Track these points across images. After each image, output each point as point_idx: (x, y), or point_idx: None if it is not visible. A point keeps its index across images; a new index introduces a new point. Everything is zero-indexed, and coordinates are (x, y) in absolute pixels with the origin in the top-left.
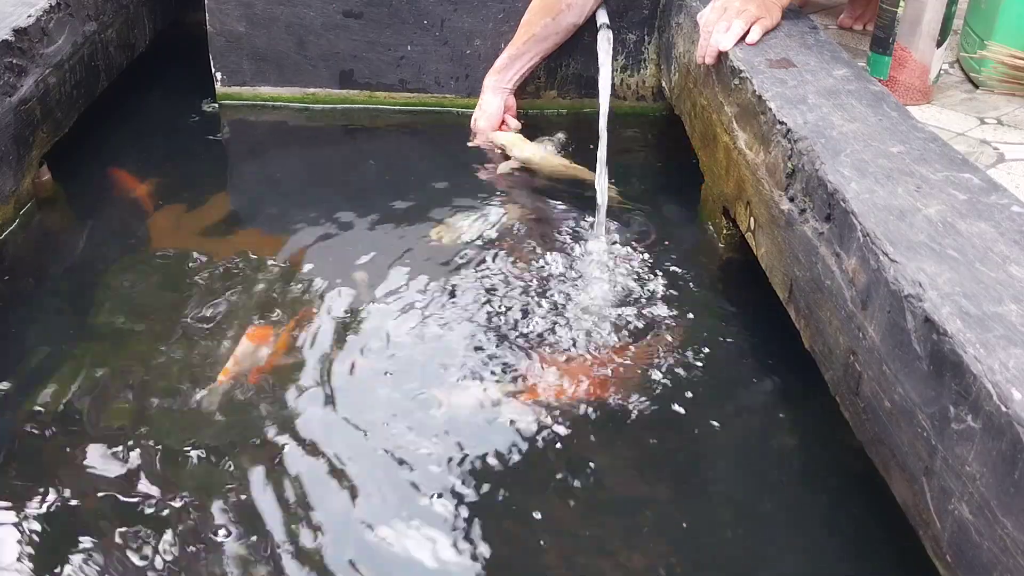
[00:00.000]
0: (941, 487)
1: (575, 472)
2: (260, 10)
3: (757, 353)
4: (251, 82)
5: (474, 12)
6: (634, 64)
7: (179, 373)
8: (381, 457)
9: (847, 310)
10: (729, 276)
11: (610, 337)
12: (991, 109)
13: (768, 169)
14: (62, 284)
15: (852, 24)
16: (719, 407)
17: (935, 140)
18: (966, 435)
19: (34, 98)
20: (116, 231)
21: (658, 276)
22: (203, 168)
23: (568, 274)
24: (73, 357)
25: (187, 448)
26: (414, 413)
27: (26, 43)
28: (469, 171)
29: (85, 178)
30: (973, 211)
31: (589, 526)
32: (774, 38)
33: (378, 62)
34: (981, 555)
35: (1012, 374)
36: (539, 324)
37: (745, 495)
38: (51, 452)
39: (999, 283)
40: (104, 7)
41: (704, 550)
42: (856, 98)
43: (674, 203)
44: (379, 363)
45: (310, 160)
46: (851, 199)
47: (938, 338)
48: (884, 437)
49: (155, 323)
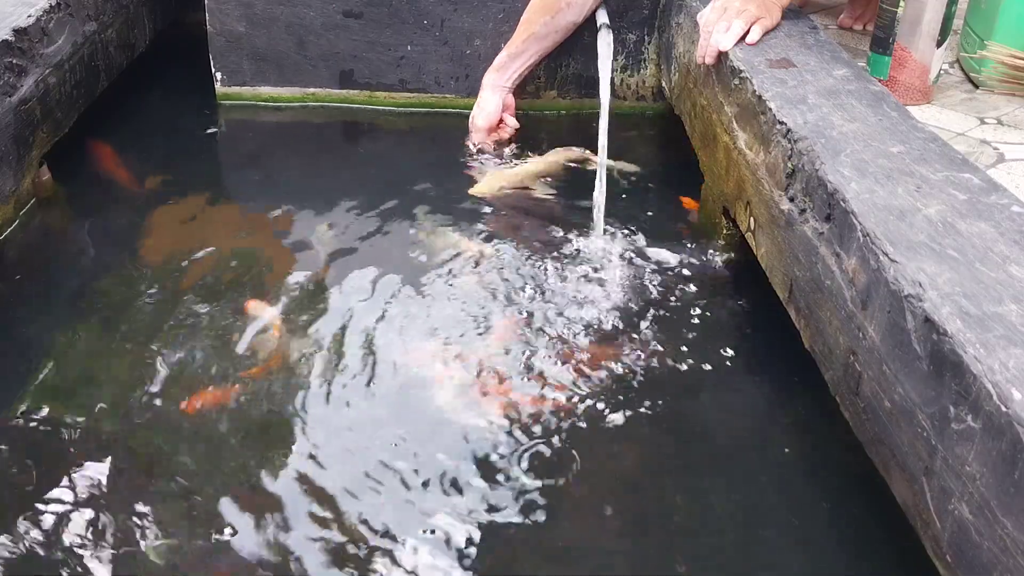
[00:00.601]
0: (941, 487)
1: (573, 472)
2: (260, 10)
3: (757, 353)
4: (251, 82)
5: (474, 12)
6: (634, 64)
7: (179, 372)
8: (371, 456)
9: (847, 310)
10: (729, 276)
11: (609, 337)
12: (991, 109)
13: (768, 169)
14: (62, 284)
15: (852, 24)
16: (719, 407)
17: (935, 140)
18: (966, 435)
19: (34, 98)
20: (116, 231)
21: (657, 276)
22: (203, 168)
23: (567, 274)
24: (73, 357)
25: (187, 448)
26: (412, 410)
27: (26, 43)
28: (469, 170)
29: (85, 178)
30: (973, 211)
31: (588, 526)
32: (774, 38)
33: (378, 62)
34: (981, 555)
35: (1012, 374)
36: (537, 324)
37: (745, 495)
38: (52, 451)
39: (999, 283)
40: (104, 7)
41: (704, 550)
42: (856, 98)
43: (674, 203)
44: (379, 362)
45: (310, 160)
46: (851, 199)
47: (938, 338)
48: (884, 437)
49: (155, 323)
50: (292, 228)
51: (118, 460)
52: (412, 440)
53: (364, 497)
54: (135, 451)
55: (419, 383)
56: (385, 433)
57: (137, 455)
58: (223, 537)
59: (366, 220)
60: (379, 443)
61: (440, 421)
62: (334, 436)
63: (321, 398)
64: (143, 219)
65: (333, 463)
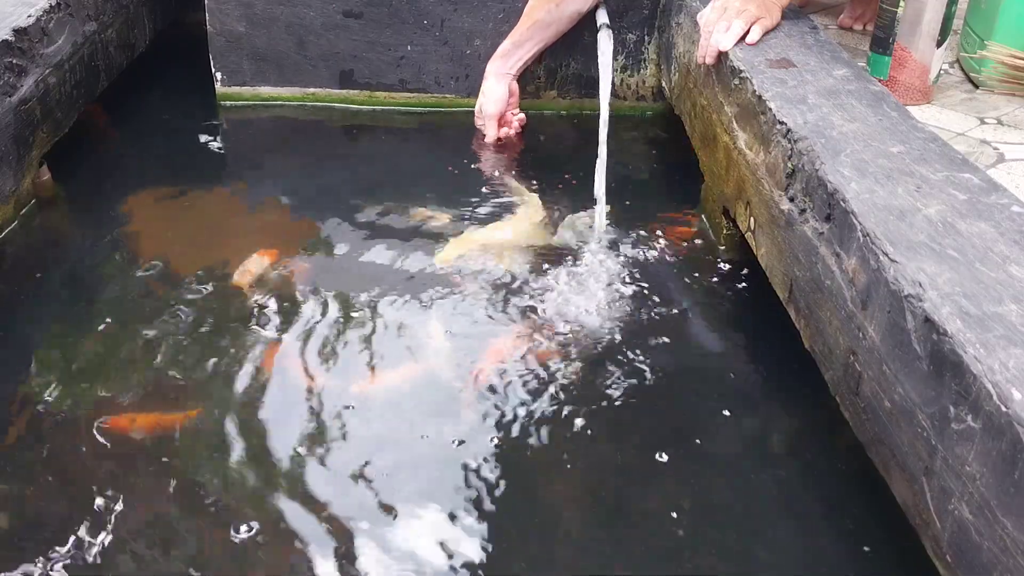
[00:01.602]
0: (941, 487)
1: (572, 471)
2: (260, 10)
3: (757, 353)
4: (251, 82)
5: (474, 12)
6: (634, 64)
7: (178, 371)
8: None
9: (847, 310)
10: (729, 276)
11: (609, 337)
12: (991, 109)
13: (768, 169)
14: (62, 284)
15: (852, 24)
16: (719, 407)
17: (935, 140)
18: (966, 435)
19: (34, 98)
20: (116, 231)
21: (658, 276)
22: (203, 168)
23: (567, 274)
24: (74, 356)
25: (187, 447)
26: (411, 410)
27: (26, 43)
28: (469, 170)
29: (85, 178)
30: (973, 211)
31: (586, 525)
32: (774, 38)
33: (378, 62)
34: (981, 555)
35: (1012, 374)
36: (536, 324)
37: (744, 495)
38: (52, 451)
39: (999, 283)
40: (104, 7)
41: (703, 549)
42: (856, 98)
43: (674, 203)
44: (377, 362)
45: (310, 160)
46: (851, 199)
47: (938, 338)
48: (884, 437)
49: (156, 323)
50: (291, 227)
51: (118, 460)
52: (411, 442)
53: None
54: (135, 451)
55: (418, 383)
56: (384, 440)
57: (137, 455)
58: (223, 537)
59: (366, 220)
60: (372, 453)
61: (437, 422)
62: (330, 440)
63: (319, 397)
64: (143, 219)
65: (328, 470)
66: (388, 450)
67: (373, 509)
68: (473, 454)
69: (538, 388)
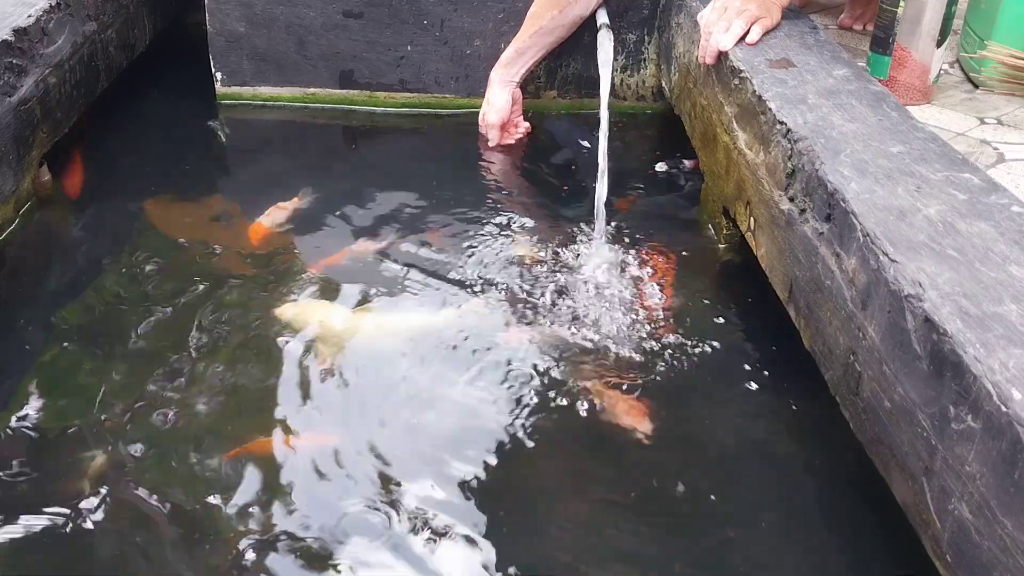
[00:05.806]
0: (941, 487)
1: (572, 471)
2: (260, 10)
3: (757, 353)
4: (251, 82)
5: (474, 12)
6: (634, 64)
7: (179, 370)
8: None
9: (847, 310)
10: (729, 276)
11: (609, 337)
12: (991, 109)
13: (768, 169)
14: (62, 284)
15: (852, 24)
16: (718, 407)
17: (935, 140)
18: (966, 435)
19: (34, 98)
20: (116, 231)
21: (657, 276)
22: (203, 168)
23: (567, 275)
24: (74, 356)
25: (187, 447)
26: (411, 412)
27: (26, 43)
28: (468, 171)
29: (85, 178)
30: (973, 211)
31: (586, 526)
32: (774, 38)
33: (378, 62)
34: (981, 555)
35: (1012, 374)
36: (537, 325)
37: (744, 495)
38: (51, 451)
39: (999, 283)
40: (104, 7)
41: (703, 549)
42: (856, 98)
43: (674, 203)
44: (376, 360)
45: (310, 160)
46: (851, 199)
47: (938, 338)
48: (884, 437)
49: (154, 323)
50: (291, 227)
51: (118, 460)
52: (412, 441)
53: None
54: (135, 451)
55: (417, 383)
56: (390, 434)
57: (137, 455)
58: (225, 535)
59: (366, 220)
60: (381, 446)
61: (438, 424)
62: (340, 422)
63: (316, 397)
64: (143, 219)
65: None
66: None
67: (373, 508)
68: (470, 441)
69: (538, 388)
